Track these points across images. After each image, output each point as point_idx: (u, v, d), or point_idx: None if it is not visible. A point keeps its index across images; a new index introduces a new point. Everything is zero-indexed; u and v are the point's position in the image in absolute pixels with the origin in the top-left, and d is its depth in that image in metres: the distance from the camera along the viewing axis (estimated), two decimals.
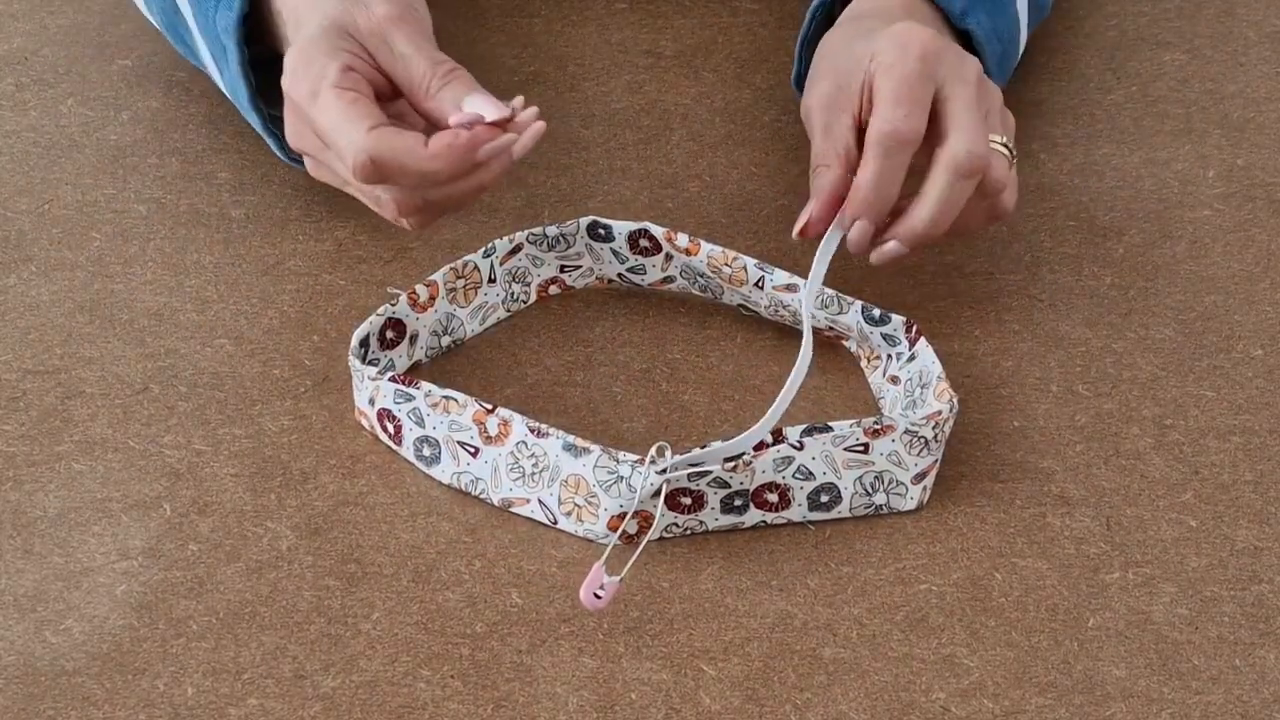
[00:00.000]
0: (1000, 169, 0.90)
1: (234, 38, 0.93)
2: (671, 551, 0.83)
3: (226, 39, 0.94)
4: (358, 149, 0.83)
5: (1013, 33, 1.01)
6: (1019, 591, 0.82)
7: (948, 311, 0.96)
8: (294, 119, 0.88)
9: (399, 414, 0.86)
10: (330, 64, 0.85)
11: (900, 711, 0.76)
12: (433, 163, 0.83)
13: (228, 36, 0.94)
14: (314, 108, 0.85)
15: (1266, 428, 0.90)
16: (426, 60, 0.86)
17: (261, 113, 0.95)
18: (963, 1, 0.97)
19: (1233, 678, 0.78)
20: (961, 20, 0.97)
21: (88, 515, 0.84)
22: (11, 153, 1.06)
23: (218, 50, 0.96)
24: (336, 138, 0.84)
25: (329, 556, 0.82)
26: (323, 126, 0.85)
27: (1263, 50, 1.17)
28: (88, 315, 0.95)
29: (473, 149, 0.83)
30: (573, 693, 0.77)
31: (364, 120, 0.83)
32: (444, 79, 0.86)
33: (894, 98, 0.88)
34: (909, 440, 0.83)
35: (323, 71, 0.85)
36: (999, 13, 0.99)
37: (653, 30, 1.16)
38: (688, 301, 0.97)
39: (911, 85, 0.88)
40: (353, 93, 0.84)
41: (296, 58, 0.86)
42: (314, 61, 0.85)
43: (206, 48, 0.98)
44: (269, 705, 0.76)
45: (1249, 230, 1.02)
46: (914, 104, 0.88)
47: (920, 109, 0.88)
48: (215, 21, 0.94)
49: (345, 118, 0.84)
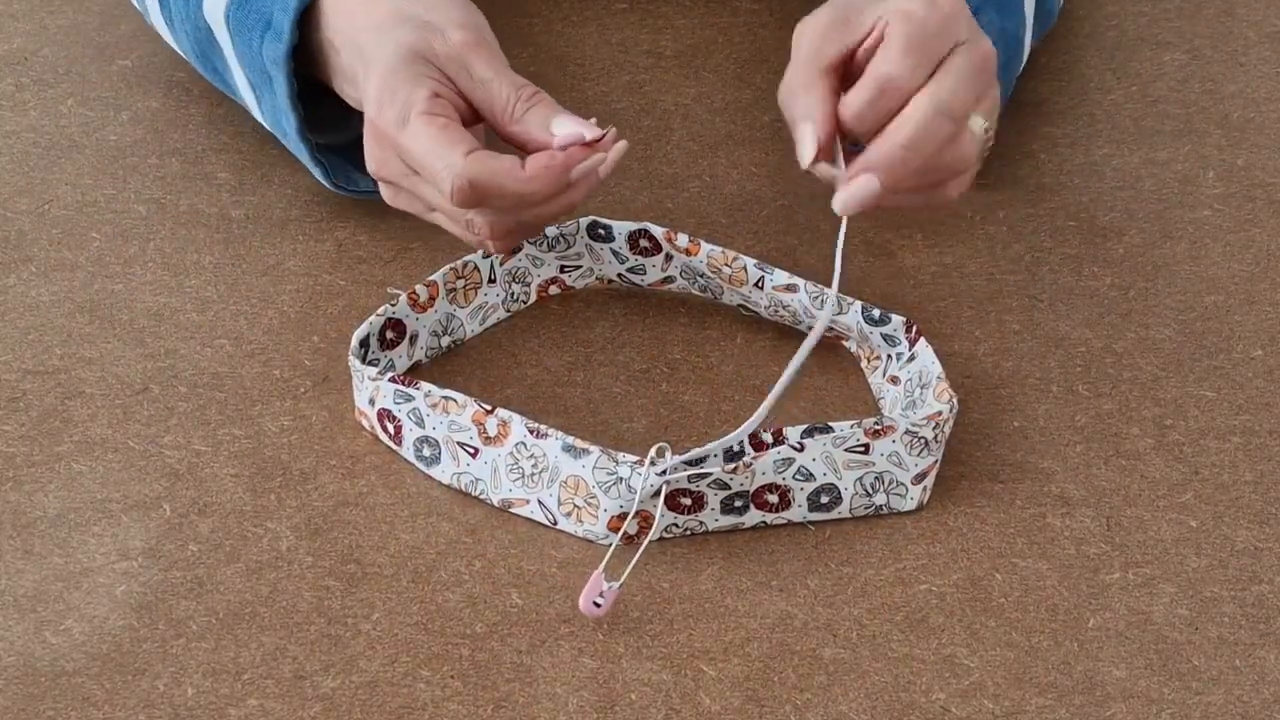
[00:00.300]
0: (968, 147, 0.87)
1: (283, 69, 0.92)
2: (671, 552, 0.83)
3: (275, 70, 0.93)
4: (457, 174, 0.83)
5: (1019, 37, 1.00)
6: (1019, 592, 0.82)
7: (948, 311, 0.96)
8: (377, 147, 0.87)
9: (399, 414, 0.86)
10: (417, 91, 0.85)
11: (900, 712, 0.76)
12: (530, 184, 0.83)
13: (276, 68, 0.93)
14: (403, 135, 0.85)
15: (1266, 428, 0.90)
16: (508, 84, 0.86)
17: (309, 142, 0.95)
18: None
19: (1233, 678, 0.78)
20: (975, 14, 0.94)
21: (88, 515, 0.84)
22: (11, 153, 1.06)
23: (261, 80, 0.95)
24: (431, 163, 0.84)
25: (329, 557, 0.82)
26: (415, 153, 0.84)
27: (1263, 50, 1.17)
28: (88, 315, 0.95)
29: (567, 169, 0.84)
30: (573, 693, 0.77)
31: (459, 145, 0.83)
32: (528, 103, 0.86)
33: (906, 45, 0.85)
34: (909, 441, 0.83)
35: (410, 99, 0.85)
36: (1008, 15, 0.98)
37: (653, 30, 1.16)
38: (688, 301, 0.97)
39: (927, 38, 0.85)
40: (443, 118, 0.84)
41: (380, 87, 0.86)
42: (399, 90, 0.85)
43: (245, 77, 0.97)
44: (269, 706, 0.76)
45: (1249, 230, 1.02)
46: (924, 57, 0.85)
47: (927, 66, 0.85)
48: (261, 52, 0.94)
49: (439, 144, 0.84)
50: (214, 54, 0.99)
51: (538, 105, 0.86)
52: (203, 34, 0.99)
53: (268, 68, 0.94)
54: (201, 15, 0.98)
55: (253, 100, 0.98)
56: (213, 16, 0.97)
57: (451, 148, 0.83)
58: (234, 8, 0.95)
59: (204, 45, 0.99)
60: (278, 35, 0.92)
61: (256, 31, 0.94)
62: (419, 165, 0.85)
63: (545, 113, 0.86)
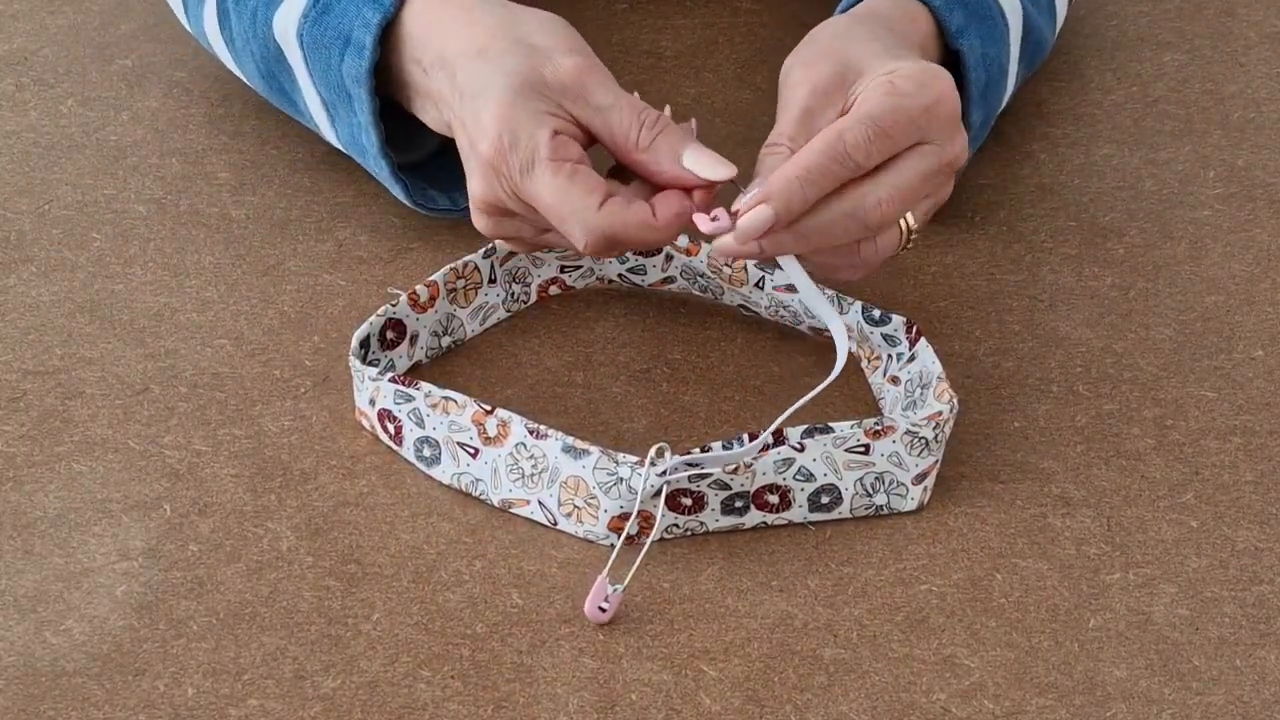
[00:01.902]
0: (885, 245, 0.85)
1: (365, 86, 0.91)
2: (672, 552, 0.83)
3: (355, 87, 0.91)
4: (591, 228, 0.81)
5: (1002, 64, 0.97)
6: (1019, 592, 0.82)
7: (948, 311, 0.96)
8: (488, 181, 0.84)
9: (399, 414, 0.86)
10: (539, 132, 0.82)
11: (900, 712, 0.76)
12: (663, 233, 0.82)
13: (357, 85, 0.91)
14: (530, 183, 0.82)
15: (1267, 428, 0.90)
16: (629, 111, 0.84)
17: (391, 160, 0.93)
18: (960, 20, 0.94)
19: (1233, 678, 0.78)
20: (956, 39, 0.93)
21: (88, 515, 0.84)
22: (11, 153, 1.06)
23: (338, 98, 0.93)
24: (562, 214, 0.82)
25: (329, 557, 0.82)
26: (544, 202, 0.82)
27: (1263, 50, 1.17)
28: (88, 315, 0.95)
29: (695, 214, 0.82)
30: (573, 693, 0.77)
31: (591, 196, 0.81)
32: (653, 129, 0.83)
33: (875, 120, 0.82)
34: (909, 441, 0.83)
35: (533, 142, 0.82)
36: (992, 41, 0.96)
37: (653, 30, 1.16)
38: (688, 301, 0.97)
39: (903, 126, 0.82)
40: (570, 164, 0.82)
41: (499, 125, 0.83)
42: (520, 130, 0.82)
43: (319, 96, 0.95)
44: (269, 706, 0.76)
45: (1249, 230, 1.02)
46: (888, 140, 0.82)
47: (889, 148, 0.82)
48: (341, 69, 0.92)
49: (571, 195, 0.81)
50: (282, 74, 0.97)
51: (665, 132, 0.83)
52: (271, 53, 0.97)
53: (347, 85, 0.92)
54: (271, 35, 0.96)
55: (325, 120, 0.96)
56: (283, 35, 0.95)
57: (585, 199, 0.81)
58: (309, 25, 0.93)
59: (271, 65, 0.97)
60: (359, 51, 0.90)
61: (335, 49, 0.92)
62: (548, 213, 0.82)
63: (674, 141, 0.83)
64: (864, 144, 0.81)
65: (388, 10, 0.90)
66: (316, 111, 0.97)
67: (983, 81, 0.95)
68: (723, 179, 0.83)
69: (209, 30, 1.02)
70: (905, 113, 0.82)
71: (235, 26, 0.99)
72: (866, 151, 0.82)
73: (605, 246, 0.82)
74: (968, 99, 0.94)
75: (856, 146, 0.81)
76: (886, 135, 0.82)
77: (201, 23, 1.03)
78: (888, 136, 0.82)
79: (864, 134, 0.81)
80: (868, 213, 0.82)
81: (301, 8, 0.94)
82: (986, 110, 0.97)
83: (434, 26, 0.89)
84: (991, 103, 0.97)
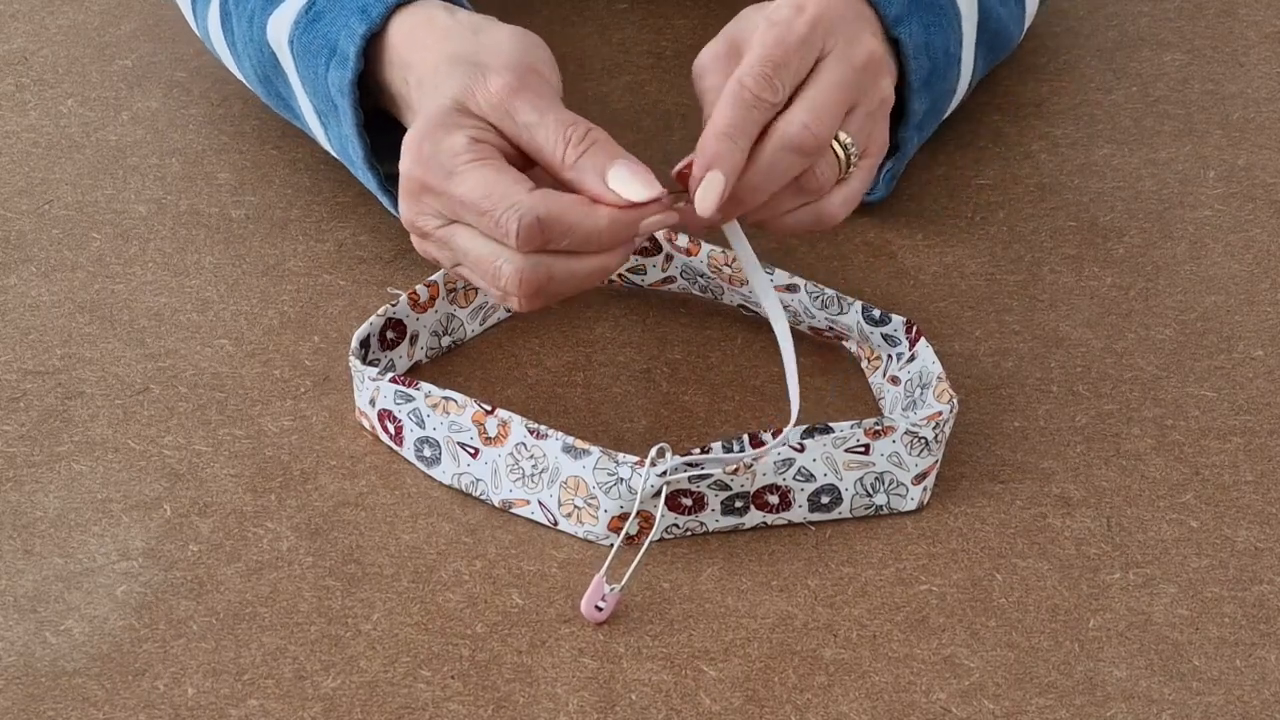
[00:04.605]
0: (825, 170, 0.85)
1: (348, 98, 0.90)
2: (672, 552, 0.83)
3: (340, 98, 0.91)
4: (525, 209, 0.78)
5: (950, 52, 0.96)
6: (1019, 592, 0.82)
7: (948, 311, 0.96)
8: (411, 198, 0.83)
9: (399, 415, 0.86)
10: (455, 140, 0.81)
11: (901, 712, 0.76)
12: (606, 216, 0.80)
13: (341, 96, 0.90)
14: (453, 183, 0.80)
15: (1267, 428, 0.90)
16: (556, 127, 0.81)
17: (377, 172, 0.92)
18: (899, 8, 0.91)
19: (1234, 678, 0.78)
20: (894, 27, 0.91)
21: (88, 515, 0.84)
22: (11, 153, 1.06)
23: (326, 107, 0.93)
24: (493, 205, 0.79)
25: (329, 557, 0.82)
26: (471, 198, 0.80)
27: (1263, 50, 1.17)
28: (88, 315, 0.95)
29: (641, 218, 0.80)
30: (573, 693, 0.77)
31: (520, 183, 0.79)
32: (579, 147, 0.81)
33: (762, 55, 0.82)
34: (909, 441, 0.83)
35: (451, 149, 0.81)
36: (938, 29, 0.94)
37: (653, 30, 1.16)
38: (688, 301, 0.97)
39: (787, 47, 0.82)
40: (494, 161, 0.80)
41: (419, 142, 0.81)
42: (439, 143, 0.81)
43: (311, 104, 0.94)
44: (269, 706, 0.76)
45: (1249, 230, 1.02)
46: (780, 66, 0.82)
47: (786, 72, 0.82)
48: (326, 79, 0.91)
49: (499, 183, 0.79)
50: (278, 79, 0.97)
51: (591, 149, 0.81)
52: (267, 59, 0.96)
53: (333, 95, 0.91)
54: (266, 40, 0.95)
55: (319, 128, 0.96)
56: (276, 41, 0.95)
57: (514, 185, 0.79)
58: (299, 31, 0.93)
59: (268, 70, 0.97)
60: (343, 62, 0.90)
61: (322, 58, 0.91)
62: (476, 209, 0.80)
63: (600, 159, 0.81)
64: (764, 80, 0.82)
65: (374, 22, 0.89)
66: (311, 119, 0.96)
67: (925, 70, 0.94)
68: (647, 200, 0.80)
69: (213, 33, 1.02)
70: (791, 36, 0.83)
71: (236, 29, 0.99)
72: (771, 86, 0.82)
73: (540, 235, 0.79)
74: (908, 87, 0.94)
75: (760, 85, 0.82)
76: (781, 64, 0.83)
77: (206, 25, 1.02)
78: (783, 65, 0.83)
79: (759, 71, 0.82)
80: (797, 139, 0.83)
81: (295, 14, 0.93)
82: (932, 98, 0.96)
83: (413, 40, 0.88)
84: (938, 91, 0.96)
